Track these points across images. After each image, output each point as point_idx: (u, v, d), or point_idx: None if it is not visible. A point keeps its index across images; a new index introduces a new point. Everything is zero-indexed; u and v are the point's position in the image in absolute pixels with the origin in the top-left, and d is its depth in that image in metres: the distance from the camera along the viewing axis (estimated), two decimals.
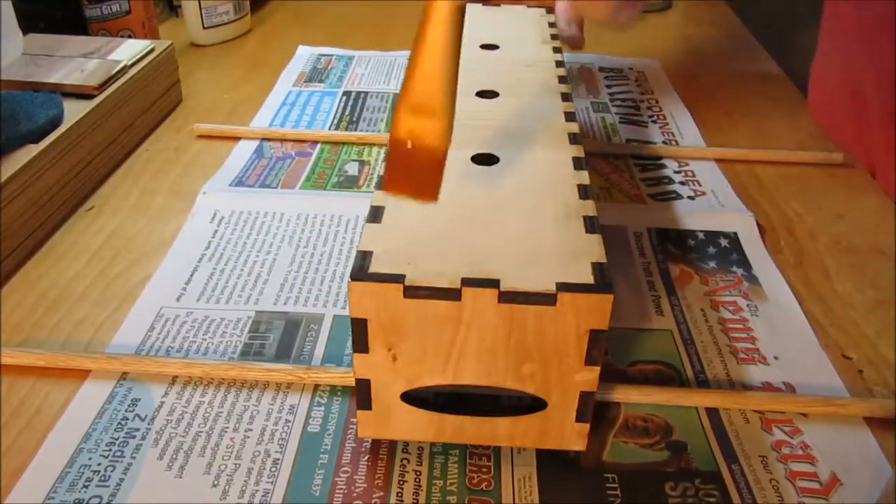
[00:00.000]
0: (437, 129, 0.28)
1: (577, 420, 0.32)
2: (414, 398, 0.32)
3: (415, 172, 0.28)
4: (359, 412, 0.33)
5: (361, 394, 0.32)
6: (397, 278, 0.29)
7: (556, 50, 0.50)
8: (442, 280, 0.29)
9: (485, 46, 0.50)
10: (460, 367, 0.31)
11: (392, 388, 0.32)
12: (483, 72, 0.46)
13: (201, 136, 0.60)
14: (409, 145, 0.28)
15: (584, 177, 0.36)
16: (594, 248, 0.31)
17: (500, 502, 0.33)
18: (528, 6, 0.58)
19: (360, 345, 0.31)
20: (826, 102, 0.64)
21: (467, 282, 0.29)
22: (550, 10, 0.56)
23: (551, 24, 0.54)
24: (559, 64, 0.48)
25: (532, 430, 0.33)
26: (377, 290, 0.29)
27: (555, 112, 0.42)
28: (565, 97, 0.44)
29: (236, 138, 0.60)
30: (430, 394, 0.33)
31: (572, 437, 0.33)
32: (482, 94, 0.43)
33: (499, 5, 0.58)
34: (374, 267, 0.30)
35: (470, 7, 0.57)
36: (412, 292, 0.29)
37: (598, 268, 0.30)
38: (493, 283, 0.29)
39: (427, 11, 0.27)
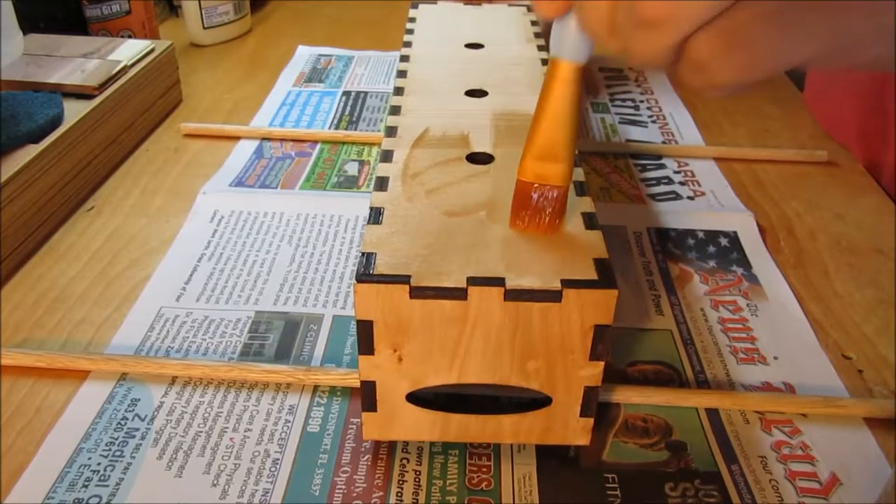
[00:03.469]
0: (561, 172, 0.31)
1: (582, 415, 0.32)
2: (417, 399, 0.32)
3: (540, 210, 0.32)
4: (364, 414, 0.33)
5: (367, 395, 0.32)
6: (403, 279, 0.29)
7: (541, 48, 0.50)
8: (447, 280, 0.29)
9: (470, 45, 0.50)
10: (466, 366, 0.31)
11: (397, 389, 0.32)
12: (470, 71, 0.46)
13: (188, 136, 0.60)
14: (536, 186, 0.31)
15: (579, 173, 0.36)
16: (595, 243, 0.31)
17: (499, 502, 0.33)
18: (510, 4, 0.58)
19: (366, 346, 0.31)
20: (823, 96, 0.64)
21: (473, 281, 0.29)
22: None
23: (533, 23, 0.54)
24: (545, 62, 0.48)
25: (536, 427, 0.33)
26: (383, 292, 0.29)
27: None
28: None
29: (226, 137, 0.60)
30: (430, 395, 0.33)
31: (577, 432, 0.33)
32: (471, 93, 0.43)
33: (480, 4, 0.58)
34: (379, 268, 0.30)
35: (452, 6, 0.57)
36: (418, 293, 0.29)
37: (600, 263, 0.30)
38: (499, 282, 0.29)
39: (551, 70, 0.30)
